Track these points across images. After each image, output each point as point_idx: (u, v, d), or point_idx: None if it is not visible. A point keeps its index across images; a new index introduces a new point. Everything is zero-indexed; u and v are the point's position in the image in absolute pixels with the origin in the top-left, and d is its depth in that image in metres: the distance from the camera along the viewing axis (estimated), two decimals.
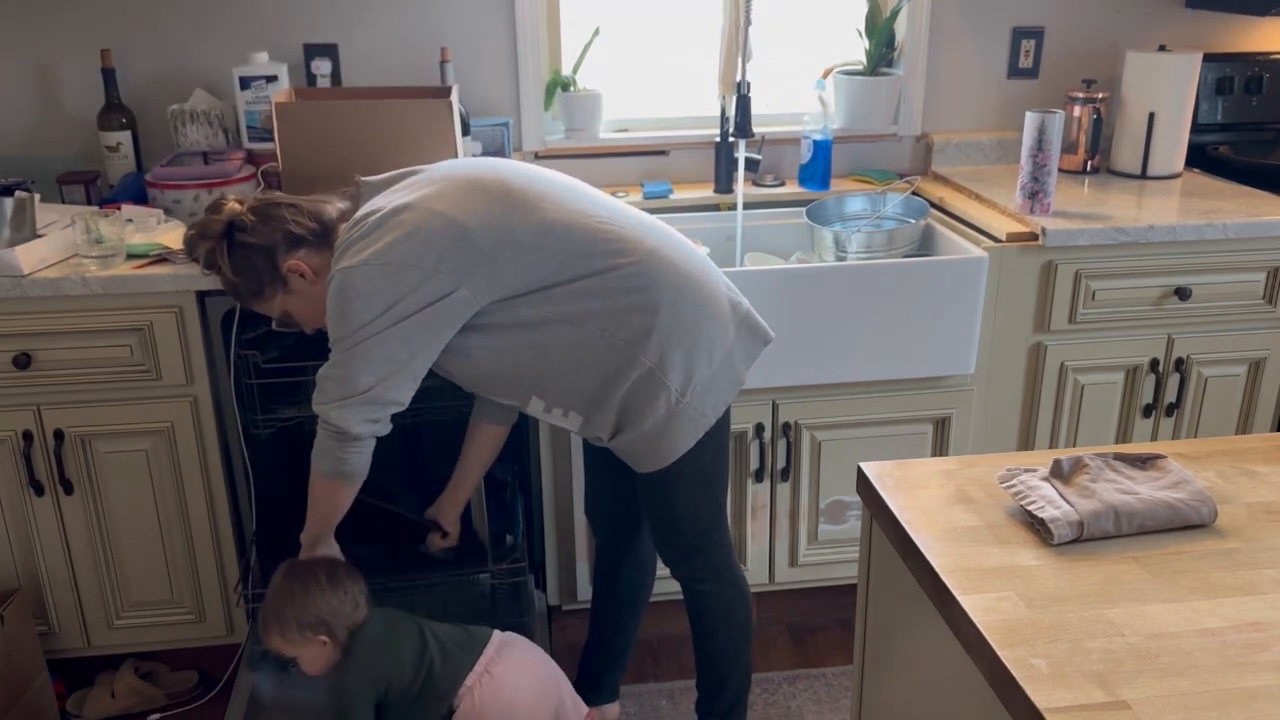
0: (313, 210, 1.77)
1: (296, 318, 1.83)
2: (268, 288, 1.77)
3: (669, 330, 1.74)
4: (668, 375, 1.75)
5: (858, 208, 2.66)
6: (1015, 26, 2.85)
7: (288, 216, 1.74)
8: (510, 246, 1.67)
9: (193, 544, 2.30)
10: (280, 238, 1.74)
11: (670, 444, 1.81)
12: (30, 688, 2.22)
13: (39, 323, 2.10)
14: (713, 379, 1.81)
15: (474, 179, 1.72)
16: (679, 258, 1.79)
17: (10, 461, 2.18)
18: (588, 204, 1.77)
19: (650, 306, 1.73)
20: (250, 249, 1.74)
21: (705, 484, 1.92)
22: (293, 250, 1.74)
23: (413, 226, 1.64)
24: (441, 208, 1.66)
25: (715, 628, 2.06)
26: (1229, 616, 1.07)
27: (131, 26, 2.53)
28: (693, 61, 2.80)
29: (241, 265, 1.75)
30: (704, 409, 1.81)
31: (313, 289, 1.76)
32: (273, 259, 1.74)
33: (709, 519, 1.96)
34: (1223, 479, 1.33)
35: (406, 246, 1.63)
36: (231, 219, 1.74)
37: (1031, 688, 0.97)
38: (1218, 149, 2.91)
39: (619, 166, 2.78)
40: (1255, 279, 2.48)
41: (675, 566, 2.01)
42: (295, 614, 1.81)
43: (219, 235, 1.74)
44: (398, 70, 2.63)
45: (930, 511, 1.27)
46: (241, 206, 1.76)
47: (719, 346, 1.81)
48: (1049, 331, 2.45)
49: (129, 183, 2.42)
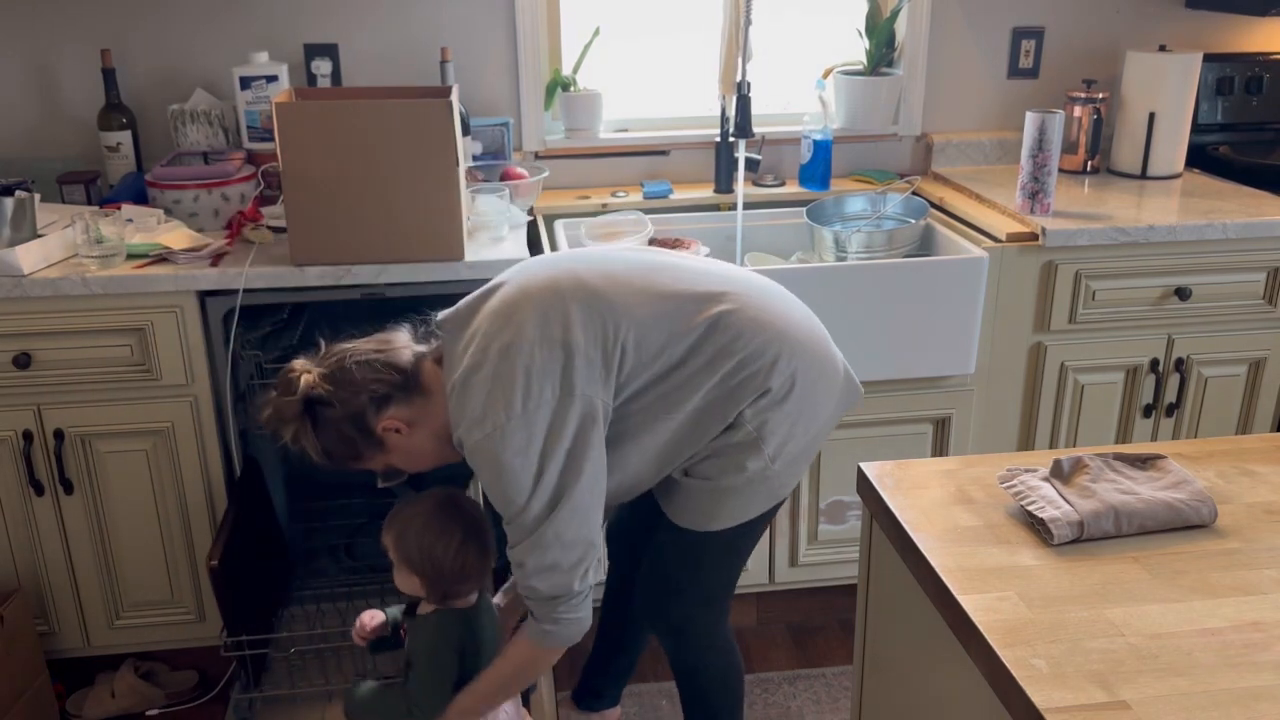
0: (388, 361, 1.64)
1: (398, 467, 1.72)
2: (365, 452, 1.66)
3: (780, 397, 1.65)
4: (766, 441, 1.65)
5: (858, 208, 2.66)
6: (1015, 26, 2.85)
7: (368, 375, 1.61)
8: (616, 345, 1.58)
9: (193, 544, 2.30)
10: (366, 400, 1.61)
11: (734, 508, 1.69)
12: (30, 688, 2.22)
13: (39, 323, 2.10)
14: (804, 450, 1.71)
15: (554, 288, 1.61)
16: (788, 316, 1.71)
17: (10, 461, 2.18)
18: (685, 273, 1.69)
19: (766, 370, 1.63)
20: (338, 422, 1.61)
21: (736, 555, 1.83)
22: (382, 410, 1.62)
23: (524, 367, 1.54)
24: (539, 335, 1.56)
25: (710, 699, 1.96)
26: (1229, 616, 1.07)
27: (131, 26, 2.53)
28: (693, 61, 2.80)
29: (332, 439, 1.63)
30: (786, 480, 1.70)
31: (410, 440, 1.65)
32: (364, 424, 1.62)
33: (720, 588, 1.86)
34: (1223, 479, 1.33)
35: (526, 390, 1.53)
36: (308, 395, 1.60)
37: (1031, 688, 0.97)
38: (1218, 149, 2.91)
39: (619, 166, 2.78)
40: (1255, 279, 2.48)
41: (664, 632, 1.90)
42: (416, 544, 1.71)
43: (299, 415, 1.61)
44: (398, 70, 2.63)
45: (930, 511, 1.27)
46: (312, 376, 1.61)
47: (821, 415, 1.72)
48: (1049, 331, 2.45)
49: (129, 183, 2.42)
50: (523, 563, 1.58)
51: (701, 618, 1.88)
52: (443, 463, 1.72)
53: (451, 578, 1.72)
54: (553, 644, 1.66)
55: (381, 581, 2.51)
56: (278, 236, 2.23)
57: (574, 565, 1.58)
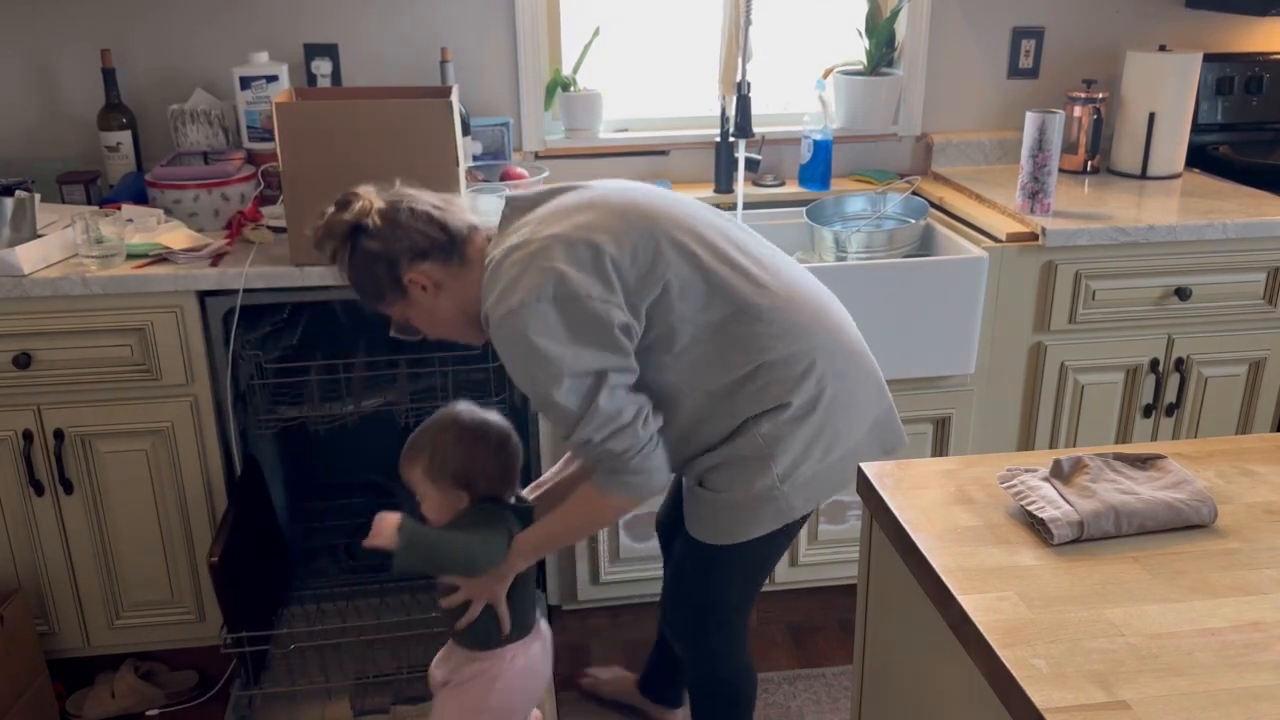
0: (441, 219, 1.66)
1: (415, 324, 1.74)
2: (388, 294, 1.68)
3: (800, 414, 1.62)
4: (776, 458, 1.63)
5: (858, 208, 2.66)
6: (1015, 26, 2.85)
7: (416, 226, 1.64)
8: (657, 285, 1.58)
9: (193, 544, 2.30)
10: (404, 248, 1.64)
11: (739, 524, 1.67)
12: (30, 688, 2.22)
13: (39, 323, 2.10)
14: (818, 475, 1.66)
15: (620, 210, 1.62)
16: (840, 332, 1.69)
17: (10, 461, 2.18)
18: (753, 252, 1.68)
19: (794, 381, 1.61)
20: (373, 255, 1.64)
21: (757, 571, 1.80)
22: (416, 262, 1.64)
23: (565, 259, 1.55)
24: (588, 237, 1.57)
25: (714, 713, 1.95)
26: (1229, 616, 1.07)
27: (131, 26, 2.53)
28: (693, 61, 2.80)
29: (362, 270, 1.66)
30: (795, 502, 1.66)
31: (433, 301, 1.67)
32: (395, 269, 1.64)
33: (738, 607, 1.83)
34: (1223, 479, 1.33)
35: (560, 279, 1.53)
36: (358, 221, 1.64)
37: (1031, 688, 0.97)
38: (1218, 149, 2.91)
39: (619, 166, 2.78)
40: (1255, 279, 2.48)
41: (685, 648, 1.89)
42: (455, 457, 1.72)
43: (343, 236, 1.65)
44: (398, 70, 2.63)
45: (930, 511, 1.27)
46: (371, 206, 1.65)
47: (841, 443, 1.67)
48: (1049, 331, 2.45)
49: (129, 183, 2.42)
50: (588, 439, 1.57)
51: (714, 632, 1.84)
52: (456, 339, 1.76)
53: (496, 480, 1.75)
54: (632, 494, 1.64)
55: (382, 581, 2.52)
56: (278, 236, 2.23)
57: (634, 419, 1.57)
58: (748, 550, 1.70)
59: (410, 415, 2.36)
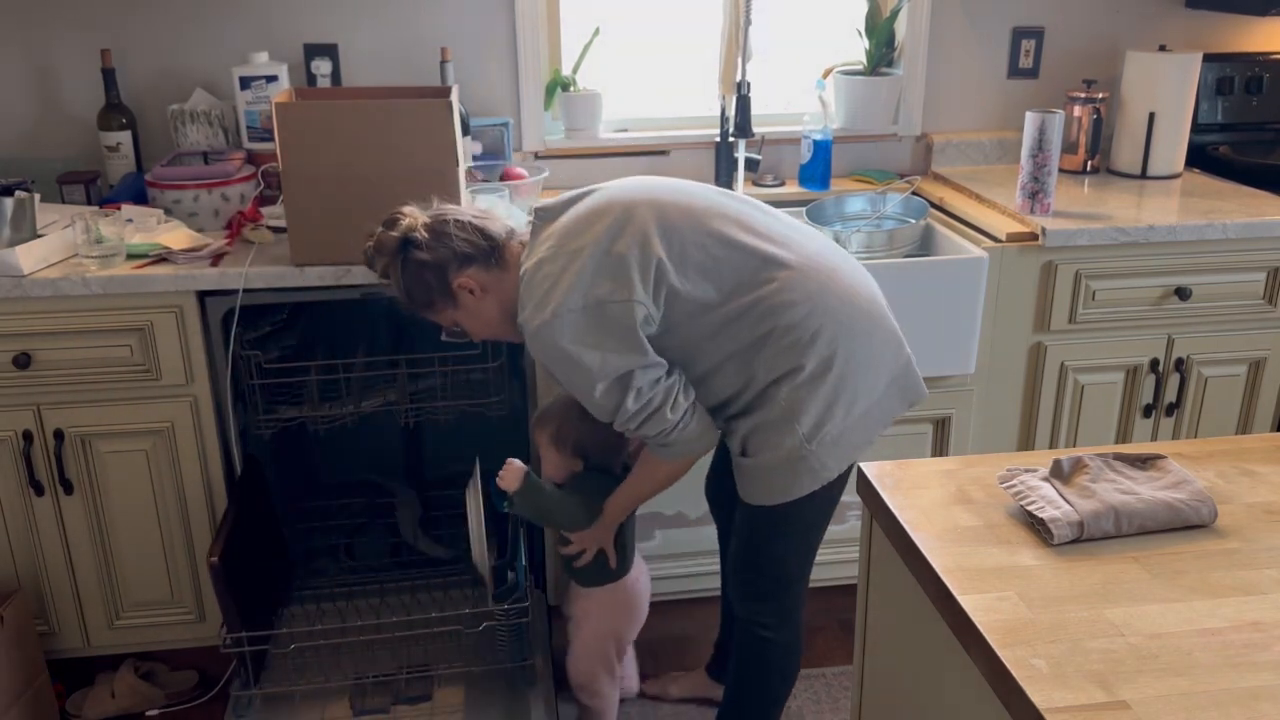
0: (480, 227, 1.81)
1: (465, 328, 1.88)
2: (438, 301, 1.82)
3: (814, 375, 1.72)
4: (799, 419, 1.72)
5: (858, 208, 2.66)
6: (1015, 26, 2.85)
7: (461, 235, 1.78)
8: (679, 272, 1.71)
9: (193, 544, 2.30)
10: (451, 255, 1.78)
11: (780, 485, 1.78)
12: (30, 688, 2.22)
13: (39, 323, 2.10)
14: (845, 432, 1.76)
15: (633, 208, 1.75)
16: (853, 295, 1.78)
17: (10, 461, 2.18)
18: (761, 227, 1.78)
19: (804, 344, 1.71)
20: (423, 265, 1.77)
21: (806, 531, 1.89)
22: (463, 268, 1.78)
23: (589, 268, 1.70)
24: (607, 244, 1.71)
25: (766, 676, 2.01)
26: (1229, 616, 1.07)
27: (131, 26, 2.53)
28: (693, 61, 2.80)
29: (413, 280, 1.79)
30: (827, 461, 1.76)
31: (479, 304, 1.81)
32: (444, 276, 1.78)
33: (797, 567, 1.93)
34: (1223, 479, 1.33)
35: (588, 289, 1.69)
36: (407, 235, 1.77)
37: (1031, 688, 0.97)
38: (1218, 149, 2.91)
39: (619, 167, 2.78)
40: (1255, 279, 2.48)
41: (744, 605, 1.97)
42: (578, 428, 1.99)
43: (394, 251, 1.78)
44: (398, 70, 2.63)
45: (930, 511, 1.27)
46: (417, 221, 1.79)
47: (862, 400, 1.76)
48: (1049, 331, 2.45)
49: (129, 183, 2.42)
50: (626, 426, 1.76)
51: (775, 595, 1.94)
52: (502, 338, 1.91)
53: (609, 451, 2.03)
54: (678, 458, 1.83)
55: (381, 581, 2.52)
56: (278, 236, 2.23)
57: (661, 404, 1.73)
58: (792, 510, 1.81)
59: (410, 415, 2.37)
